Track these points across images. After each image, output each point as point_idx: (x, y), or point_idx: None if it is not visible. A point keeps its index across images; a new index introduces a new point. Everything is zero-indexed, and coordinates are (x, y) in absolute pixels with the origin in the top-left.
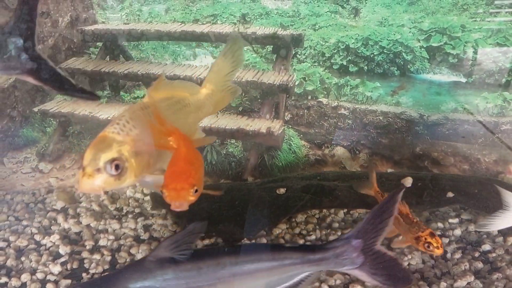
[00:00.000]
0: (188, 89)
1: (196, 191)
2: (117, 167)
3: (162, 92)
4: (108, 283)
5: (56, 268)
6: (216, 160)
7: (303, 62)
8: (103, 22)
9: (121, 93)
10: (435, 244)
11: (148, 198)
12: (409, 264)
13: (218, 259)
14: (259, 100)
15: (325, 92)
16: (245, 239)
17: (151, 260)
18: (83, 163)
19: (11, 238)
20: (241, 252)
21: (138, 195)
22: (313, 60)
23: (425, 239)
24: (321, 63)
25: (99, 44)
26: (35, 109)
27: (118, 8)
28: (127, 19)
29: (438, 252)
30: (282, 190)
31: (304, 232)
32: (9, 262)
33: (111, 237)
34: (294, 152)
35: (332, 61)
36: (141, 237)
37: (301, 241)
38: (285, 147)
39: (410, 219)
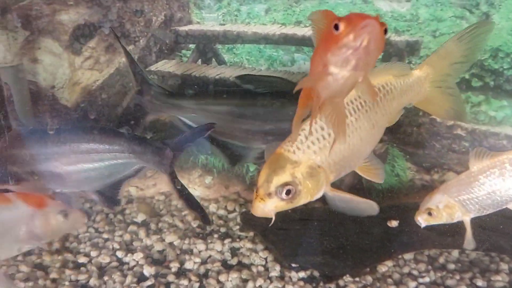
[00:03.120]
0: (393, 70)
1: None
2: (288, 192)
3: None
4: None
5: None
6: None
7: None
8: (198, 23)
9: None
10: None
11: (232, 215)
12: None
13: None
14: None
15: None
16: (347, 275)
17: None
18: (257, 183)
19: (93, 253)
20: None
21: (222, 212)
22: None
23: None
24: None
25: (192, 46)
26: None
27: (215, 7)
28: (223, 20)
29: None
30: (394, 223)
31: (415, 272)
32: (92, 282)
33: (197, 259)
34: (397, 174)
35: None
36: (228, 262)
37: (414, 283)
38: (388, 168)
39: None
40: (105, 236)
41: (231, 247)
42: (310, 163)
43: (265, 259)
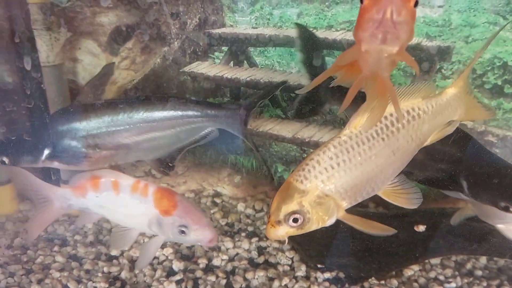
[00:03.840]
0: (420, 91)
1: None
2: (296, 219)
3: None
4: None
5: (171, 286)
6: None
7: (448, 79)
8: (231, 26)
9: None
10: None
11: (260, 215)
12: None
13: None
14: None
15: None
16: (372, 278)
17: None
18: (270, 210)
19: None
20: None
21: (250, 211)
22: None
23: None
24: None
25: (224, 48)
26: None
27: (248, 11)
28: (256, 23)
29: None
30: (421, 227)
31: (441, 277)
32: (124, 274)
33: (225, 257)
34: None
35: (484, 79)
36: (255, 260)
37: None
38: None
39: None
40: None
41: (258, 246)
42: (317, 193)
43: (291, 259)
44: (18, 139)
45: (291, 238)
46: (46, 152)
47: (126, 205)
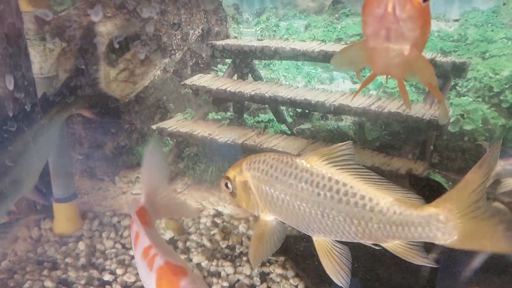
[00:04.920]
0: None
1: None
2: (226, 185)
3: None
4: None
5: None
6: None
7: (464, 96)
8: (235, 37)
9: (245, 115)
10: None
11: None
12: None
13: None
14: (402, 136)
15: (487, 134)
16: None
17: None
18: None
19: (118, 271)
20: None
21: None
22: (476, 95)
23: None
24: (486, 99)
25: (228, 61)
26: (153, 127)
27: (253, 22)
28: (261, 35)
29: None
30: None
31: None
32: None
33: (225, 283)
34: None
35: (501, 97)
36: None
37: None
38: None
39: None
40: (132, 253)
41: (261, 272)
42: (244, 180)
43: (296, 286)
44: None
45: (297, 264)
46: None
47: (138, 265)
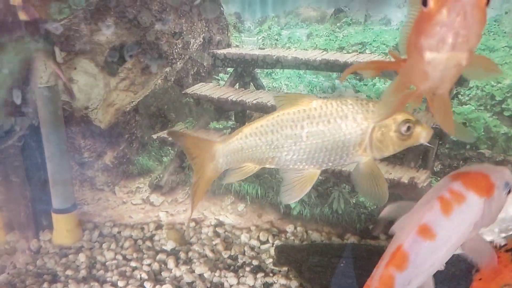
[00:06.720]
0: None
1: None
2: None
3: None
4: None
5: None
6: (343, 210)
7: (466, 105)
8: (237, 46)
9: None
10: None
11: (265, 247)
12: None
13: None
14: None
15: (490, 143)
16: None
17: None
18: None
19: (120, 283)
20: None
21: (254, 242)
22: (478, 103)
23: None
24: (488, 107)
25: (230, 70)
26: (154, 136)
27: (255, 31)
28: (263, 44)
29: None
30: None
31: None
32: None
33: None
34: None
35: (503, 106)
36: None
37: None
38: None
39: None
40: (133, 264)
41: (264, 282)
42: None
43: None
44: None
45: (300, 274)
46: None
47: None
